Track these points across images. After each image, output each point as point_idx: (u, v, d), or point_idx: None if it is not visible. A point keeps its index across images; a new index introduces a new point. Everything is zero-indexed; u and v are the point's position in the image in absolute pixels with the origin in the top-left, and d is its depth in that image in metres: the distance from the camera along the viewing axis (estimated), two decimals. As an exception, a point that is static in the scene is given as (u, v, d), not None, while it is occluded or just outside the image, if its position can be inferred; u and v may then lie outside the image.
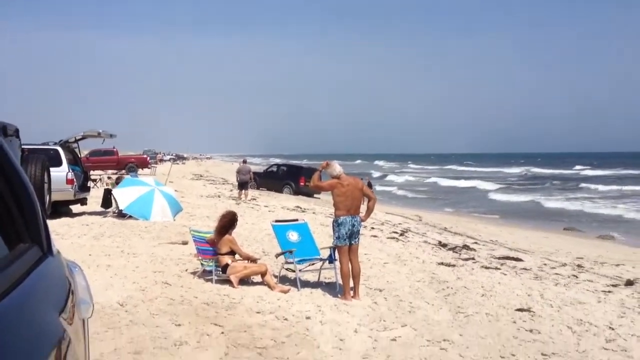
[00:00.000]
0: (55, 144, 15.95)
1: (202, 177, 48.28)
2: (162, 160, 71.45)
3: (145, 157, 49.42)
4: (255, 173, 36.47)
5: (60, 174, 15.04)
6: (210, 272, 8.62)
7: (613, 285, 10.40)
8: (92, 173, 29.91)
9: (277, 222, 9.68)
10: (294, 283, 8.65)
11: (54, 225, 13.20)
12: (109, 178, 26.05)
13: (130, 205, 15.18)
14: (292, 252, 8.76)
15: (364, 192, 8.58)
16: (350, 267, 8.31)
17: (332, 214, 9.16)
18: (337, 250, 8.46)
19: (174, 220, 15.13)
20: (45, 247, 1.50)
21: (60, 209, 15.92)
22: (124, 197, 15.42)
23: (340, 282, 8.47)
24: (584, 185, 53.23)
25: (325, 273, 9.27)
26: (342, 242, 8.25)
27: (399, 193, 48.19)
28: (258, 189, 34.03)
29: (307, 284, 8.87)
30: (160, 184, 16.77)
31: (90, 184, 19.12)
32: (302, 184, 33.60)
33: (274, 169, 37.49)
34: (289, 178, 34.74)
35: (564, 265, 12.63)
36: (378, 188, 40.67)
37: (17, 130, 8.94)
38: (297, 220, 9.94)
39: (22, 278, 1.22)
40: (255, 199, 26.21)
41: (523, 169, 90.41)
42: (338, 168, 8.47)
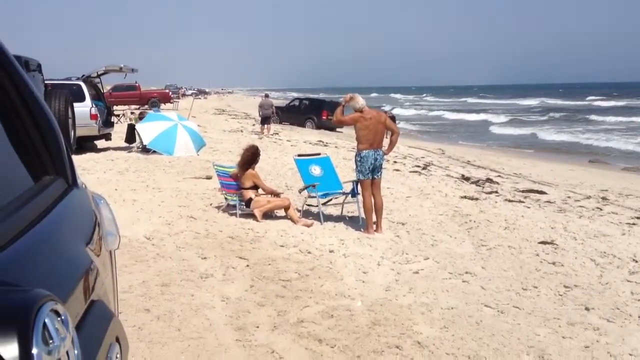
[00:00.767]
0: (78, 79, 15.96)
1: (224, 111, 48.25)
2: (184, 95, 71.35)
3: (168, 92, 49.34)
4: (278, 107, 36.38)
5: (84, 109, 15.12)
6: (234, 206, 8.72)
7: (638, 218, 10.32)
8: (115, 108, 30.07)
9: (299, 156, 9.69)
10: (317, 217, 8.72)
11: (80, 161, 13.37)
12: (132, 113, 26.12)
13: (154, 141, 15.28)
14: (314, 186, 8.79)
15: (387, 125, 8.50)
16: (373, 201, 8.33)
17: (354, 148, 9.11)
18: (359, 185, 8.47)
19: (198, 155, 15.24)
20: (70, 179, 1.51)
21: (85, 145, 16.10)
22: (148, 132, 15.51)
23: (363, 216, 8.52)
24: (593, 118, 51.31)
25: (348, 207, 9.32)
26: (364, 176, 8.24)
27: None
28: (281, 124, 33.98)
29: (330, 218, 8.94)
30: (183, 119, 16.80)
31: (114, 119, 19.21)
32: (324, 118, 33.44)
33: (296, 103, 37.23)
34: (311, 112, 34.54)
35: (588, 198, 12.54)
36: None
37: (39, 65, 8.94)
38: (319, 155, 9.94)
39: (48, 209, 1.23)
40: (278, 134, 26.20)
41: (539, 101, 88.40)
42: (361, 101, 8.37)
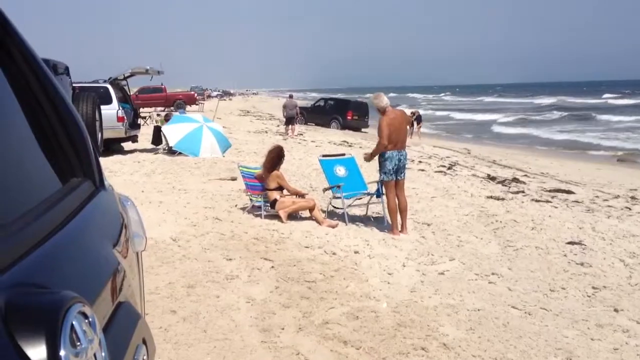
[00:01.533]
0: (105, 82, 16.15)
1: (249, 113, 48.45)
2: (209, 97, 71.81)
3: (193, 93, 49.71)
4: (303, 108, 36.47)
5: (111, 112, 15.29)
6: (259, 207, 8.75)
7: (669, 218, 10.14)
8: (141, 110, 30.34)
9: (324, 156, 9.69)
10: (342, 218, 8.72)
11: (107, 163, 13.53)
12: (158, 115, 26.37)
13: (180, 142, 15.41)
14: (339, 186, 8.79)
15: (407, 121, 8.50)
16: (398, 202, 8.30)
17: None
18: (383, 185, 8.44)
19: (223, 157, 15.33)
20: (98, 181, 1.53)
21: (112, 147, 16.30)
22: (174, 134, 15.65)
23: (388, 217, 8.49)
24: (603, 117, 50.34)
25: (373, 208, 9.30)
26: (388, 177, 8.21)
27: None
28: (306, 124, 34.05)
29: (355, 219, 8.92)
30: (209, 121, 16.91)
31: (140, 122, 19.41)
32: (349, 118, 33.41)
33: (321, 104, 37.24)
34: (337, 112, 34.54)
35: (617, 197, 12.34)
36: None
37: (67, 68, 9.07)
38: (344, 155, 9.93)
39: (76, 211, 1.25)
40: (302, 134, 26.25)
41: (557, 99, 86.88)
42: (385, 100, 8.34)
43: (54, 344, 0.78)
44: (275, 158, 8.99)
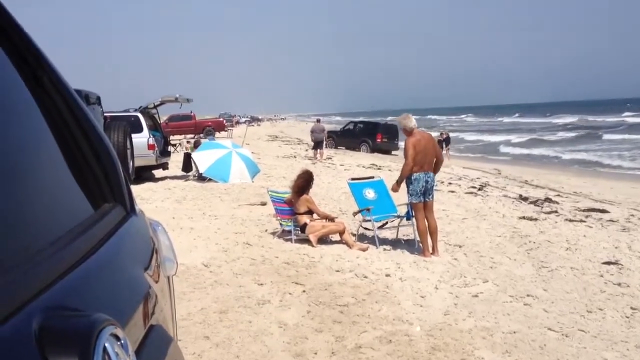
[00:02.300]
0: (136, 111, 16.42)
1: (277, 138, 48.77)
2: (237, 123, 72.51)
3: (222, 120, 50.24)
4: (332, 132, 36.64)
5: (142, 140, 15.51)
6: (290, 231, 8.76)
7: None
8: (171, 138, 30.73)
9: (353, 180, 9.68)
10: (373, 241, 8.67)
11: (138, 190, 13.69)
12: (188, 142, 26.69)
13: (210, 168, 15.56)
14: (369, 209, 8.76)
15: (437, 151, 8.44)
16: (427, 223, 8.24)
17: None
18: (412, 207, 8.38)
19: (252, 182, 15.41)
20: (129, 206, 1.55)
21: (144, 174, 16.50)
22: (203, 160, 15.80)
23: (418, 239, 8.43)
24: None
25: (404, 230, 9.24)
26: (416, 199, 8.16)
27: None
28: (336, 148, 34.15)
29: (385, 242, 8.87)
30: (238, 146, 17.05)
31: (171, 149, 19.65)
32: (379, 141, 33.38)
33: (351, 127, 37.29)
34: (366, 135, 34.55)
35: (654, 216, 12.08)
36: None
37: (98, 98, 9.27)
38: (373, 178, 9.91)
39: (108, 235, 1.26)
40: (331, 158, 26.30)
41: (578, 117, 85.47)
42: (413, 121, 8.33)
43: None
44: (304, 182, 9.02)
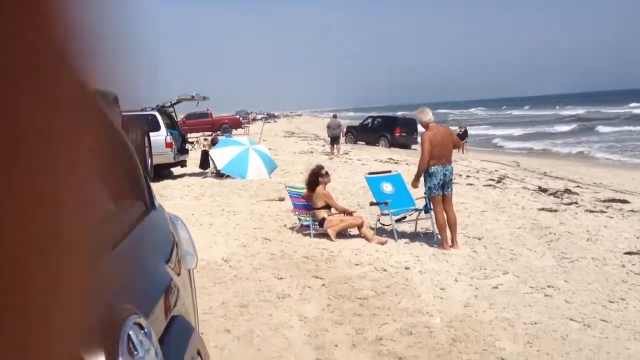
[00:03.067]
0: (153, 110, 16.51)
1: (293, 134, 48.78)
2: (254, 120, 72.63)
3: (238, 117, 50.35)
4: (352, 127, 36.62)
5: (160, 138, 15.60)
6: (308, 226, 8.78)
7: None
8: (189, 136, 30.85)
9: (370, 174, 9.68)
10: (391, 234, 8.66)
11: (157, 188, 13.79)
12: (205, 140, 26.78)
13: (227, 165, 15.62)
14: (387, 203, 8.75)
15: (455, 141, 8.42)
16: (446, 216, 8.21)
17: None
18: (431, 200, 8.37)
19: (270, 178, 15.45)
20: (148, 202, 1.57)
21: (162, 172, 16.61)
22: (221, 157, 15.87)
23: (437, 232, 8.41)
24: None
25: (422, 223, 9.22)
26: (435, 192, 8.14)
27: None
28: (356, 143, 34.15)
29: (404, 235, 8.86)
30: (254, 143, 17.10)
31: (188, 147, 19.75)
32: (397, 135, 33.23)
33: (369, 122, 37.18)
34: (384, 130, 34.41)
35: (676, 206, 11.93)
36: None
37: (116, 98, 9.33)
38: (390, 172, 9.90)
39: (130, 229, 1.28)
40: (348, 153, 26.26)
41: (586, 110, 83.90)
42: (429, 115, 8.30)
43: (113, 354, 0.81)
44: (313, 176, 9.04)
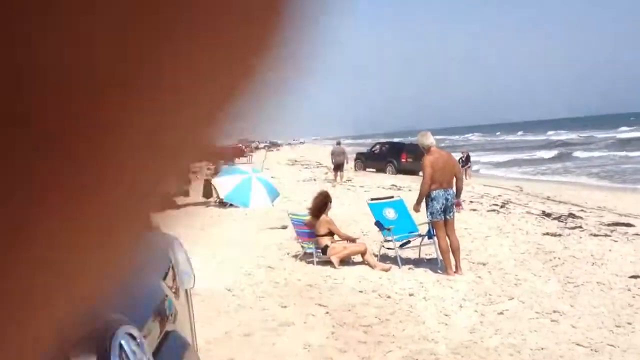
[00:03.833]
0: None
1: (297, 162, 48.88)
2: (257, 148, 72.86)
3: (240, 145, 50.47)
4: (361, 153, 36.95)
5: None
6: (311, 254, 8.76)
7: None
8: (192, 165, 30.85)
9: (372, 200, 9.68)
10: (395, 261, 8.63)
11: (160, 217, 13.79)
12: (208, 169, 26.81)
13: (230, 194, 15.64)
14: (390, 229, 8.73)
15: (456, 170, 8.42)
16: (449, 241, 8.19)
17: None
18: (433, 226, 8.34)
19: (273, 206, 15.44)
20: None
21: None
22: (224, 186, 15.89)
23: (441, 258, 8.37)
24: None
25: (426, 249, 9.18)
26: (436, 217, 8.12)
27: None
28: (365, 170, 34.37)
29: (407, 261, 8.82)
30: (257, 171, 17.15)
31: (192, 176, 19.78)
32: (403, 161, 33.23)
33: (377, 148, 37.28)
34: (391, 156, 34.45)
35: (681, 229, 11.89)
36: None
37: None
38: (392, 198, 9.90)
39: None
40: (351, 180, 26.28)
41: (577, 135, 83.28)
42: (431, 139, 8.31)
43: None
44: (321, 203, 9.05)
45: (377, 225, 9.12)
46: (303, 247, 9.04)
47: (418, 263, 8.78)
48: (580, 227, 12.23)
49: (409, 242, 9.13)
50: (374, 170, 34.19)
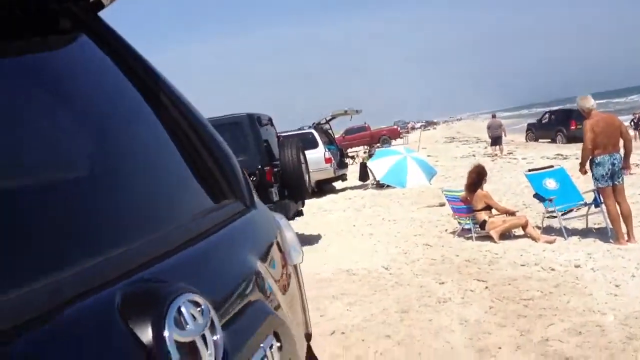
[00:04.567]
0: (310, 128, 17.10)
1: (454, 139, 47.93)
2: (413, 129, 72.47)
3: (396, 128, 50.50)
4: (531, 124, 36.07)
5: (319, 155, 16.13)
6: (469, 230, 8.60)
7: None
8: (351, 150, 31.43)
9: (530, 171, 9.27)
10: (560, 232, 8.21)
11: (321, 203, 14.26)
12: (365, 152, 27.18)
13: (386, 175, 15.75)
14: (551, 200, 8.31)
15: (623, 131, 7.81)
16: (619, 208, 7.64)
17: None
18: (600, 193, 7.83)
19: (430, 184, 15.32)
20: (248, 201, 1.70)
21: (325, 187, 17.14)
22: (379, 168, 16.05)
23: (611, 226, 7.83)
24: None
25: (594, 219, 8.63)
26: (603, 183, 7.61)
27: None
28: (537, 140, 33.29)
29: (574, 232, 8.35)
30: (412, 151, 17.10)
31: (348, 161, 20.17)
32: (573, 128, 31.44)
33: (547, 117, 35.70)
34: (560, 124, 32.78)
35: None
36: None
37: (270, 119, 9.86)
38: (552, 167, 9.42)
39: (224, 223, 1.41)
40: (512, 153, 25.30)
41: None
42: (591, 102, 7.82)
43: (159, 326, 0.89)
44: (476, 177, 8.85)
45: (536, 197, 8.74)
46: (460, 223, 8.90)
47: (586, 233, 8.29)
48: None
49: (573, 210, 8.64)
50: (549, 141, 32.63)
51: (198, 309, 0.97)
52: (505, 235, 8.41)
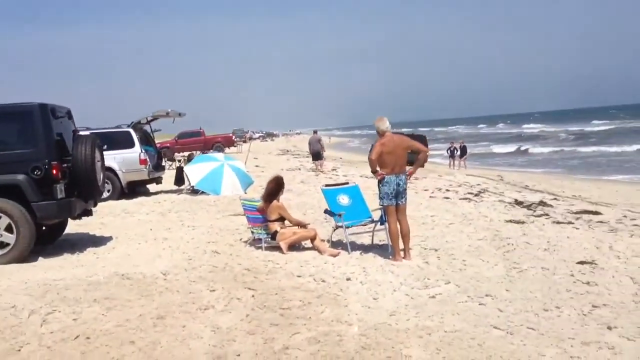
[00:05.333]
0: (128, 127, 16.45)
1: (288, 152, 48.82)
2: (251, 139, 72.79)
3: (231, 135, 50.41)
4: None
5: (134, 155, 15.58)
6: (261, 239, 8.65)
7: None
8: (180, 154, 30.76)
9: (327, 186, 9.56)
10: (346, 247, 8.51)
11: (128, 205, 13.71)
12: (183, 157, 26.65)
13: (201, 181, 15.54)
14: (340, 215, 8.61)
15: (412, 147, 8.31)
16: (400, 227, 8.08)
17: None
18: (385, 211, 8.24)
19: (245, 193, 15.31)
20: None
21: (138, 189, 16.55)
22: (195, 173, 15.80)
23: (391, 243, 8.26)
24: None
25: (380, 235, 9.06)
26: (387, 201, 8.02)
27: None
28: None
29: (360, 247, 8.72)
30: (230, 159, 17.00)
31: (169, 163, 19.67)
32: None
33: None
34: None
35: (647, 216, 11.77)
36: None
37: (68, 112, 9.26)
38: (347, 184, 9.79)
39: None
40: (335, 170, 26.14)
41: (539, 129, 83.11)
42: (387, 124, 8.22)
43: None
44: (274, 188, 8.95)
45: (326, 213, 9.03)
46: (253, 232, 8.93)
47: (369, 249, 8.67)
48: (547, 215, 12.12)
49: (362, 226, 9.02)
50: None
51: None
52: (295, 247, 8.57)
